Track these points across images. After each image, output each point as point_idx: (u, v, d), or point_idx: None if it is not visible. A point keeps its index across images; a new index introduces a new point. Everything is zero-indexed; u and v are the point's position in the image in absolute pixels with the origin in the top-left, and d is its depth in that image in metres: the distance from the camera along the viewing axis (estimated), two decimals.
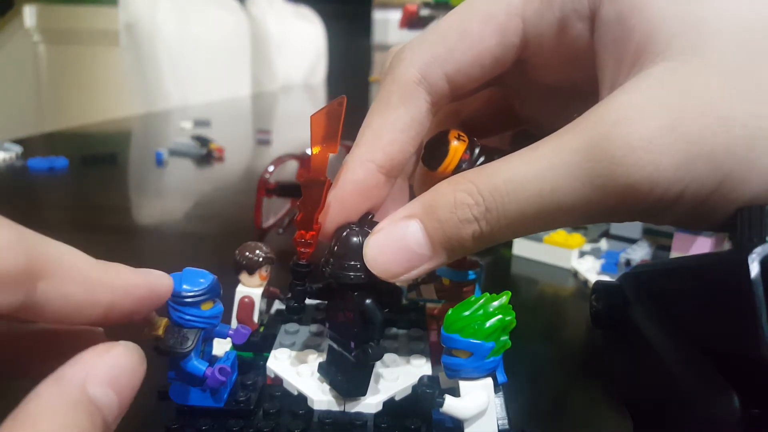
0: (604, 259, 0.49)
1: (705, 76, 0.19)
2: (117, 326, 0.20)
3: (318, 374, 0.26)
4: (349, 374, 0.25)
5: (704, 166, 0.19)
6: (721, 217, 0.20)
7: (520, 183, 0.21)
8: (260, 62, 2.19)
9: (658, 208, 0.20)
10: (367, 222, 0.25)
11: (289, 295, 0.26)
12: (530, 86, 0.28)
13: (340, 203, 0.25)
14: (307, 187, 0.24)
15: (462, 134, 0.26)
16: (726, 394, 0.17)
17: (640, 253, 0.46)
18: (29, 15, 2.04)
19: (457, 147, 0.25)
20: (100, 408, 0.16)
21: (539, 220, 0.21)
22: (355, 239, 0.24)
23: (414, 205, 0.23)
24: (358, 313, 0.24)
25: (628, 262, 0.45)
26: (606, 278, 0.47)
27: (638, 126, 0.19)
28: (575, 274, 0.50)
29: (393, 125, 0.25)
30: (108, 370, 0.17)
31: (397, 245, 0.23)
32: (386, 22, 3.01)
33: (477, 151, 0.26)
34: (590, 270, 0.49)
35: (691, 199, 0.19)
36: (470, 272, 0.31)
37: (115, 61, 1.80)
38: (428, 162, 0.26)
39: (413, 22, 0.78)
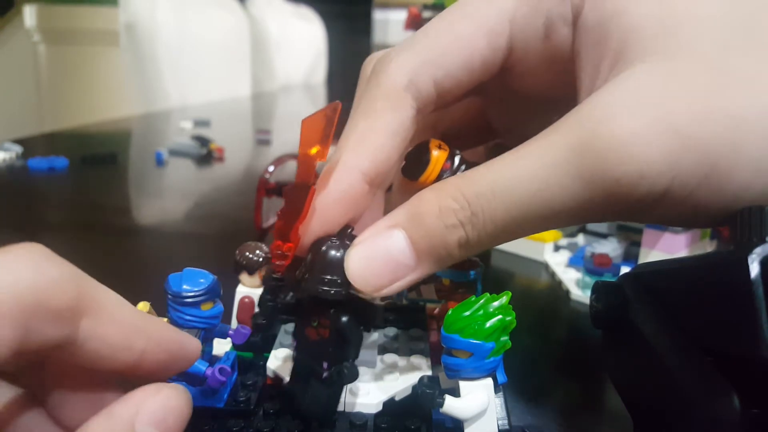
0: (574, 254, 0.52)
1: (686, 73, 0.20)
2: None
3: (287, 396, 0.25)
4: (319, 396, 0.24)
5: (692, 157, 0.19)
6: (712, 213, 0.20)
7: (506, 185, 0.20)
8: (260, 62, 2.19)
9: (646, 203, 0.20)
10: (346, 235, 0.24)
11: (258, 311, 0.25)
12: (511, 96, 0.27)
13: (322, 213, 0.23)
14: (290, 194, 0.23)
15: (443, 144, 0.25)
16: (726, 394, 0.17)
17: (608, 247, 0.46)
18: (29, 15, 2.04)
19: (438, 156, 0.25)
20: None
21: (527, 223, 0.21)
22: (334, 252, 0.23)
23: (397, 214, 0.22)
24: (334, 332, 0.23)
25: (592, 256, 0.45)
26: (573, 271, 0.49)
27: (625, 121, 0.19)
28: (546, 266, 0.52)
29: (379, 132, 0.24)
30: (156, 411, 0.17)
31: (380, 256, 0.22)
32: (386, 22, 3.01)
33: (458, 160, 0.25)
34: (560, 263, 0.51)
35: (680, 191, 0.19)
36: (470, 272, 0.31)
37: (115, 61, 1.80)
38: (409, 172, 0.25)
39: (418, 23, 0.79)
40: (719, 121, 0.19)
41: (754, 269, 0.17)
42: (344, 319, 0.23)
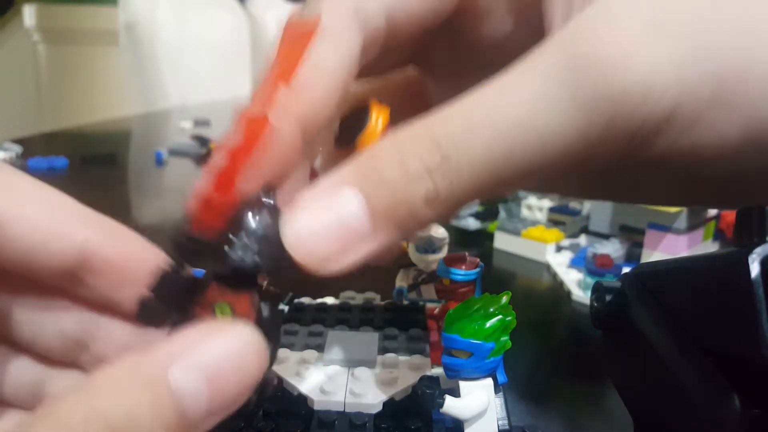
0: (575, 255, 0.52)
1: None
2: None
3: None
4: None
5: (700, 65, 0.16)
6: (718, 151, 0.17)
7: (486, 117, 0.16)
8: (260, 62, 2.19)
9: (652, 126, 0.16)
10: (268, 194, 0.19)
11: (155, 287, 0.17)
12: (460, 62, 0.24)
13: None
14: (248, 127, 0.18)
15: (383, 105, 0.21)
16: (726, 394, 0.17)
17: (610, 248, 0.46)
18: (29, 15, 2.04)
19: (379, 115, 0.20)
20: (180, 398, 0.13)
21: (512, 166, 0.16)
22: (254, 213, 0.18)
23: (345, 169, 0.17)
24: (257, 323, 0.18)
25: (594, 257, 0.45)
26: (575, 271, 0.49)
27: (623, 29, 0.16)
28: (548, 267, 0.52)
29: (320, 69, 0.19)
30: (205, 356, 0.14)
31: (327, 222, 0.17)
32: None
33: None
34: (562, 264, 0.51)
35: (688, 111, 0.16)
36: (470, 272, 0.31)
37: (115, 61, 1.80)
38: (343, 140, 0.21)
39: None
40: (725, 27, 0.16)
41: (754, 269, 0.17)
42: (265, 313, 0.18)
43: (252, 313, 0.18)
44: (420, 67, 0.26)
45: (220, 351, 0.14)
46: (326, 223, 0.17)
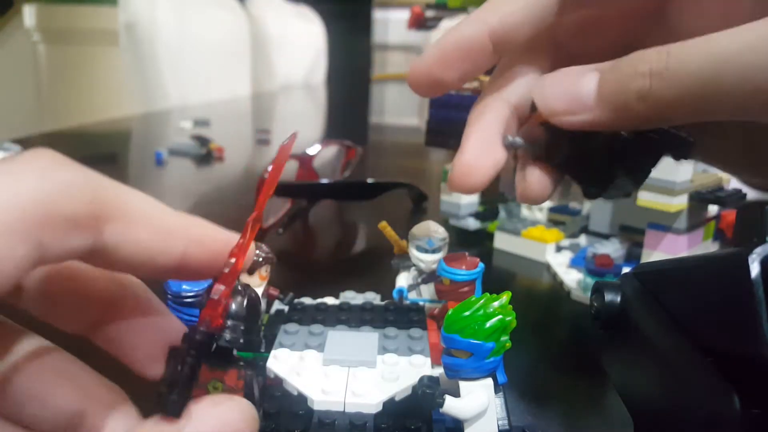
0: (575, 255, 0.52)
1: None
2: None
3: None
4: None
5: None
6: None
7: (711, 42, 0.19)
8: (260, 62, 2.19)
9: None
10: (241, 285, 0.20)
11: (172, 380, 0.16)
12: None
13: (441, 52, 0.24)
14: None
15: None
16: (726, 394, 0.17)
17: (610, 248, 0.46)
18: (29, 15, 2.04)
19: None
20: None
21: (715, 89, 0.19)
22: (234, 299, 0.20)
23: (604, 63, 0.22)
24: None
25: (594, 257, 0.45)
26: (575, 271, 0.49)
27: None
28: (548, 267, 0.52)
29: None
30: (212, 425, 0.16)
31: (567, 86, 0.22)
32: (386, 22, 3.01)
33: None
34: (562, 264, 0.50)
35: None
36: (470, 272, 0.31)
37: (115, 61, 1.80)
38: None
39: (421, 23, 0.79)
40: None
41: (754, 269, 0.17)
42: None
43: (240, 383, 0.21)
44: None
45: (222, 421, 0.17)
46: (566, 87, 0.22)
